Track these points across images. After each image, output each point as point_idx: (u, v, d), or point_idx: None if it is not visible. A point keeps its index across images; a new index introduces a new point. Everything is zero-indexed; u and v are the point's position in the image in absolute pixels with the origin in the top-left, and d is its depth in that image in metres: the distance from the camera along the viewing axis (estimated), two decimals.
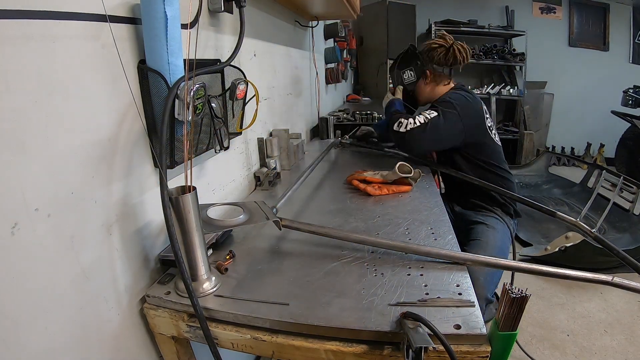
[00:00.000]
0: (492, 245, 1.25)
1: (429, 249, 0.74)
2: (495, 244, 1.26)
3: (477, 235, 1.29)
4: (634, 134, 3.88)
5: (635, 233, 2.42)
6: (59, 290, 0.53)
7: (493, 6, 4.69)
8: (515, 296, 0.51)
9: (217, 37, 0.97)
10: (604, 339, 1.67)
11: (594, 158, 4.60)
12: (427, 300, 0.61)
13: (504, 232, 1.33)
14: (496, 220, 1.36)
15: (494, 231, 1.30)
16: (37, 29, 0.48)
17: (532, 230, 2.65)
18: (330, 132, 2.03)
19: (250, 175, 1.25)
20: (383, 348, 0.56)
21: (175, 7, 0.62)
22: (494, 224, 1.34)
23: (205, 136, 0.85)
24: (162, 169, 0.58)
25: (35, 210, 0.49)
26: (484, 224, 1.33)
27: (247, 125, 1.02)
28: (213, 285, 0.67)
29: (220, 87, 0.92)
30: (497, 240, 1.27)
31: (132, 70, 0.65)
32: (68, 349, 0.54)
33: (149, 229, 0.73)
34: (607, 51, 4.68)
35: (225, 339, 0.62)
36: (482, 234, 1.29)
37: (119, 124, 0.63)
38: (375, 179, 1.17)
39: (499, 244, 1.27)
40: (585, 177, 3.27)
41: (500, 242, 1.28)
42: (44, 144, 0.50)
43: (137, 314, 0.69)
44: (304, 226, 0.79)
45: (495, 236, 1.28)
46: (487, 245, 1.24)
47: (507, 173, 1.44)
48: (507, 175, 1.44)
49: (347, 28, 3.04)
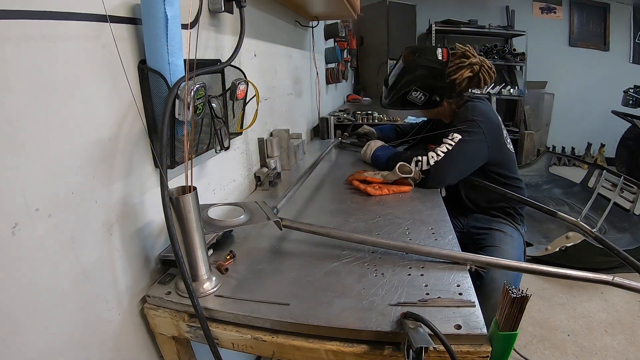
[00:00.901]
0: (510, 253, 1.21)
1: (430, 249, 0.74)
2: (514, 252, 1.23)
3: (495, 242, 1.25)
4: (635, 133, 3.88)
5: (636, 233, 2.42)
6: (60, 290, 0.53)
7: (493, 6, 4.69)
8: (516, 296, 0.51)
9: (217, 37, 0.97)
10: (604, 339, 1.67)
11: (594, 158, 4.60)
12: (427, 300, 0.61)
13: (519, 241, 1.30)
14: (512, 229, 1.32)
15: (511, 239, 1.27)
16: (37, 29, 0.48)
17: (532, 230, 2.64)
18: (331, 132, 2.03)
19: (251, 175, 1.25)
20: (383, 348, 0.56)
21: (176, 7, 0.62)
22: (510, 231, 1.30)
23: (206, 136, 0.85)
24: (162, 169, 0.58)
25: (35, 210, 0.49)
26: (501, 231, 1.29)
27: (248, 125, 1.02)
28: (213, 285, 0.67)
29: (221, 87, 0.92)
30: (515, 248, 1.24)
31: (133, 70, 0.65)
32: (68, 349, 0.54)
33: (150, 229, 0.73)
34: (608, 51, 4.68)
35: (225, 339, 0.62)
36: (500, 241, 1.24)
37: (120, 124, 0.63)
38: (376, 179, 1.17)
39: (518, 253, 1.24)
40: (586, 177, 3.27)
41: (518, 250, 1.25)
42: (44, 144, 0.50)
43: (138, 314, 0.69)
44: (304, 226, 0.79)
45: (513, 244, 1.25)
46: (506, 254, 1.20)
47: (520, 182, 1.39)
48: (521, 184, 1.39)
49: (348, 28, 3.04)
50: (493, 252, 1.23)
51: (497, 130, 1.26)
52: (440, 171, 1.13)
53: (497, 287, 1.10)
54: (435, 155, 1.14)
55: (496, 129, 1.25)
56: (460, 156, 1.15)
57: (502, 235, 1.28)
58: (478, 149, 1.18)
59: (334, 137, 2.01)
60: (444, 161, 1.14)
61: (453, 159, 1.14)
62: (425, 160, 1.15)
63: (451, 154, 1.13)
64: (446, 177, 1.16)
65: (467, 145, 1.15)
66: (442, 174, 1.14)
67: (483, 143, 1.18)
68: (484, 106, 1.28)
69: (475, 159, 1.20)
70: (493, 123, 1.24)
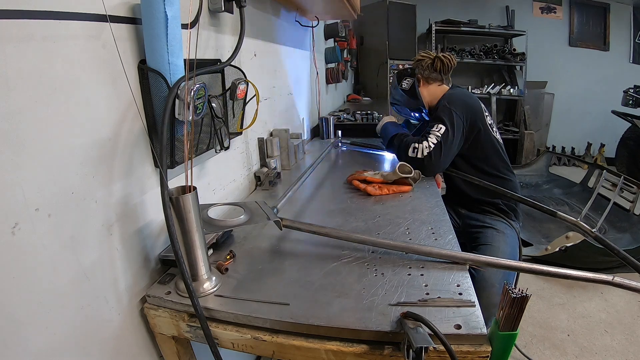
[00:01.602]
0: (503, 250, 1.24)
1: (430, 248, 0.74)
2: (507, 249, 1.25)
3: (488, 240, 1.28)
4: (635, 133, 3.88)
5: (636, 233, 2.42)
6: (60, 290, 0.53)
7: (493, 6, 4.69)
8: (516, 296, 0.51)
9: (217, 37, 0.97)
10: (604, 339, 1.67)
11: (594, 158, 4.60)
12: (427, 300, 0.61)
13: (513, 237, 1.32)
14: (505, 225, 1.35)
15: (504, 236, 1.29)
16: (37, 29, 0.48)
17: (532, 230, 2.64)
18: (331, 132, 2.02)
19: (251, 175, 1.25)
20: (383, 348, 0.56)
21: (176, 7, 0.62)
22: (503, 228, 1.33)
23: (206, 136, 0.85)
24: (162, 168, 0.58)
25: (35, 210, 0.49)
26: (494, 228, 1.32)
27: (248, 125, 1.02)
28: (213, 285, 0.67)
29: (221, 87, 0.92)
30: (508, 245, 1.27)
31: (133, 70, 0.65)
32: (68, 349, 0.54)
33: (150, 229, 0.73)
34: (608, 51, 4.68)
35: (225, 339, 0.62)
36: (492, 239, 1.28)
37: (120, 123, 0.63)
38: (376, 179, 1.17)
39: (510, 250, 1.27)
40: (586, 177, 3.27)
41: (511, 247, 1.28)
42: (44, 144, 0.50)
43: (138, 314, 0.69)
44: (304, 226, 0.79)
45: (506, 241, 1.28)
46: (498, 251, 1.23)
47: (510, 174, 1.43)
48: (510, 176, 1.42)
49: (348, 28, 3.04)
50: (486, 250, 1.25)
51: (473, 111, 1.36)
52: (435, 160, 1.28)
53: (488, 285, 1.12)
54: (428, 146, 1.28)
55: (472, 110, 1.36)
56: (447, 145, 1.29)
57: (495, 233, 1.30)
58: (458, 132, 1.31)
59: (333, 137, 2.01)
60: (435, 151, 1.27)
61: (441, 149, 1.27)
62: (421, 148, 1.28)
63: (440, 145, 1.27)
64: (440, 165, 1.30)
65: (450, 134, 1.29)
66: (437, 163, 1.28)
67: (460, 124, 1.32)
68: (459, 93, 1.42)
69: (458, 141, 1.33)
70: (468, 104, 1.37)
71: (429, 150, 1.26)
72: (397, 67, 4.18)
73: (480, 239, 1.31)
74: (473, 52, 4.32)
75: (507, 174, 1.42)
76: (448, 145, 1.27)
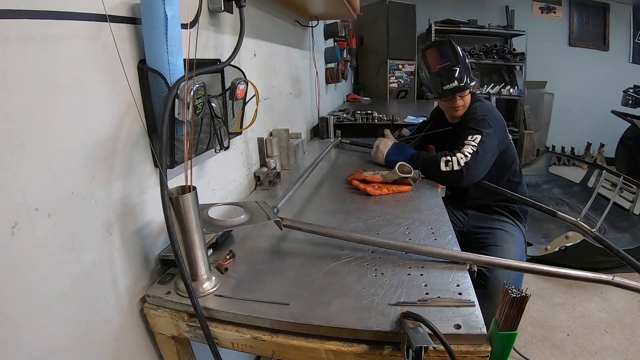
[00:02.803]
0: (513, 252, 1.26)
1: (429, 248, 0.74)
2: (517, 251, 1.27)
3: (497, 241, 1.30)
4: (634, 133, 3.88)
5: (635, 233, 2.42)
6: (59, 290, 0.53)
7: (493, 6, 4.69)
8: (516, 296, 0.51)
9: (217, 37, 0.97)
10: (604, 339, 1.67)
11: (594, 158, 4.60)
12: (427, 300, 0.61)
13: (521, 240, 1.34)
14: (514, 227, 1.37)
15: (514, 238, 1.31)
16: (37, 29, 0.48)
17: (532, 230, 2.64)
18: (331, 132, 2.02)
19: (251, 175, 1.25)
20: (383, 348, 0.56)
21: (175, 7, 0.62)
22: (512, 230, 1.34)
23: (206, 136, 0.85)
24: (162, 168, 0.58)
25: (35, 210, 0.49)
26: (503, 230, 1.34)
27: (247, 125, 1.02)
28: (213, 285, 0.67)
29: (220, 87, 0.92)
30: (517, 247, 1.29)
31: (132, 70, 0.65)
32: (68, 349, 0.54)
33: (149, 228, 0.73)
34: (607, 51, 4.68)
35: (225, 339, 0.62)
36: (502, 240, 1.29)
37: (119, 123, 0.63)
38: (375, 179, 1.17)
39: (520, 252, 1.28)
40: (586, 177, 3.27)
41: (520, 249, 1.29)
42: (44, 144, 0.50)
43: (138, 314, 0.69)
44: (304, 226, 0.79)
45: (515, 243, 1.29)
46: (508, 253, 1.25)
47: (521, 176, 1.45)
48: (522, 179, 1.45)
49: (347, 28, 3.04)
50: (496, 251, 1.25)
51: (504, 127, 1.36)
52: (472, 170, 1.24)
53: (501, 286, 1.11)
54: (463, 157, 1.24)
55: (503, 126, 1.36)
56: (484, 154, 1.25)
57: (504, 234, 1.31)
58: (493, 145, 1.29)
59: (333, 137, 2.01)
60: (473, 161, 1.23)
61: (479, 158, 1.24)
62: (455, 160, 1.24)
63: (477, 154, 1.24)
64: (478, 174, 1.27)
65: (486, 144, 1.26)
66: (475, 172, 1.24)
67: (495, 139, 1.30)
68: (490, 105, 1.41)
69: (494, 154, 1.31)
70: (500, 120, 1.36)
71: (465, 160, 1.22)
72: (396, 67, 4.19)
73: (489, 239, 1.32)
74: (473, 52, 4.32)
75: (520, 177, 1.45)
76: (485, 154, 1.24)
